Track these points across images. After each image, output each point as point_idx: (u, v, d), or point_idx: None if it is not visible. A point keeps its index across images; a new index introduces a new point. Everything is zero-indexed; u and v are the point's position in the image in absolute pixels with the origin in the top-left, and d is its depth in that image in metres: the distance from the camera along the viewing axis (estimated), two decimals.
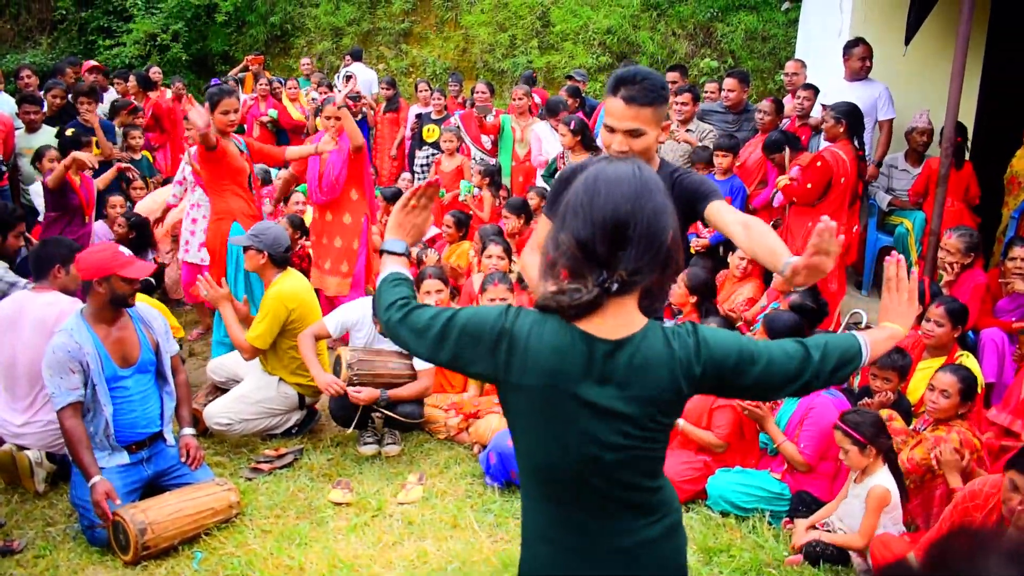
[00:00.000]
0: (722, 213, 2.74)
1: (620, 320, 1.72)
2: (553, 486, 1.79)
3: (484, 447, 4.39)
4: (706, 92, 7.50)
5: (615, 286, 1.66)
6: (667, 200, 1.72)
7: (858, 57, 6.26)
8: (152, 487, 3.88)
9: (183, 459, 3.96)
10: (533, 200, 6.69)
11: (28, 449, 4.10)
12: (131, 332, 3.88)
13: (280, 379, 4.68)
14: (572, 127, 6.41)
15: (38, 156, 6.40)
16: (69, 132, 6.50)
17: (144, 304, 4.06)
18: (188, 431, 4.06)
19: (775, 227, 6.33)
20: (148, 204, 7.01)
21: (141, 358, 3.88)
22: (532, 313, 1.76)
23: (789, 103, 6.95)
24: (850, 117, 5.64)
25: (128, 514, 3.48)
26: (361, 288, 6.10)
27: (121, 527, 3.49)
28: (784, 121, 6.75)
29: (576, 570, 1.79)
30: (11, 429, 4.12)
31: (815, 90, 6.58)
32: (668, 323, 1.84)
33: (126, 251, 3.99)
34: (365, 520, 3.91)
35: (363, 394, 4.33)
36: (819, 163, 5.57)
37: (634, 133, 2.57)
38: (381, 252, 2.09)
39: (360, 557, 3.61)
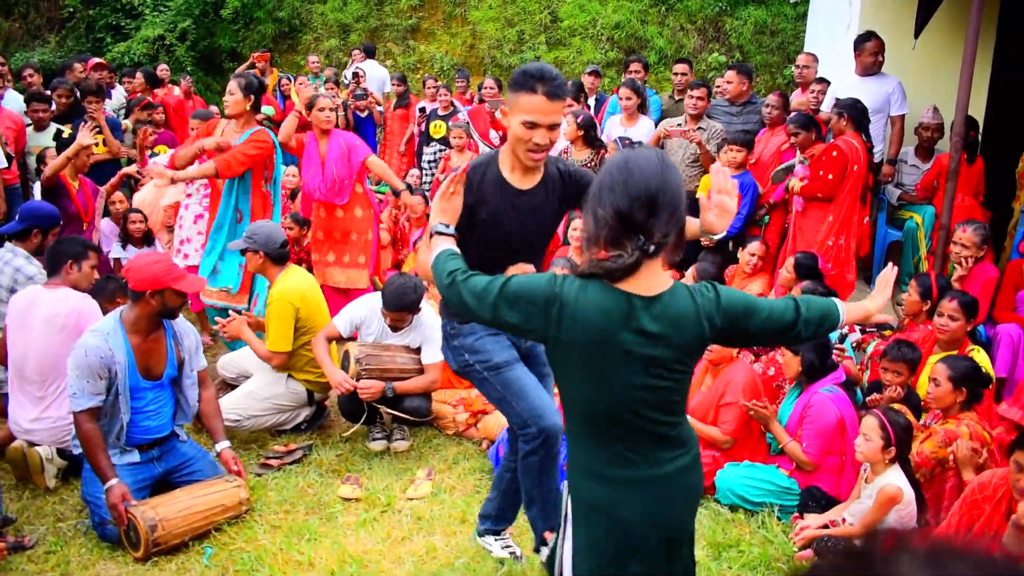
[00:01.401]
0: None
1: (653, 280, 2.04)
2: (598, 426, 2.11)
3: (492, 442, 4.39)
4: (716, 87, 7.47)
5: (652, 248, 1.98)
6: (680, 176, 2.07)
7: (870, 52, 6.22)
8: (163, 483, 3.89)
9: (231, 471, 3.93)
10: None
11: (39, 445, 4.12)
12: (162, 346, 3.84)
13: (289, 375, 4.68)
14: (579, 121, 6.40)
15: (40, 160, 6.39)
16: (66, 133, 6.44)
17: (180, 318, 4.00)
18: (224, 444, 4.01)
19: (761, 225, 6.32)
20: (148, 193, 7.00)
21: (165, 373, 3.85)
22: (575, 279, 2.07)
23: (799, 97, 6.91)
24: (852, 111, 5.64)
25: (139, 511, 3.50)
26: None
27: (132, 524, 3.51)
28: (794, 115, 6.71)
29: (620, 496, 2.11)
30: (22, 425, 4.14)
31: (828, 83, 6.53)
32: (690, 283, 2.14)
33: (179, 263, 3.93)
34: (374, 515, 3.92)
35: (370, 388, 4.34)
36: (835, 152, 5.56)
37: (555, 126, 2.76)
38: (432, 233, 2.45)
39: (369, 552, 3.62)
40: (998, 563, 0.74)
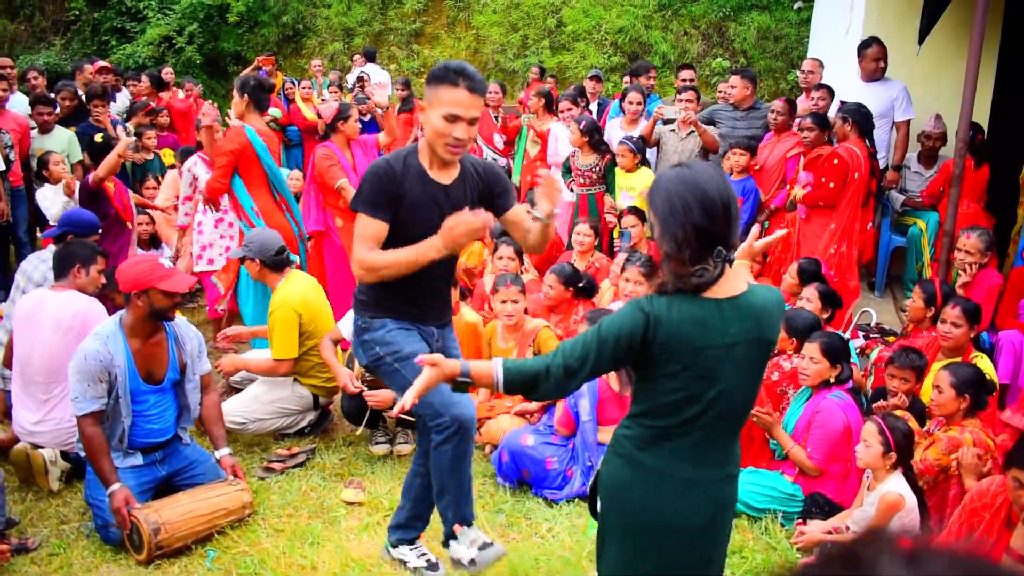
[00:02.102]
0: (523, 215, 3.10)
1: (732, 282, 2.12)
2: (669, 420, 2.15)
3: (495, 447, 4.39)
4: (720, 93, 7.48)
5: (732, 255, 2.10)
6: None
7: (871, 58, 6.22)
8: (166, 486, 3.89)
9: (229, 478, 3.93)
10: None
11: (43, 448, 4.13)
12: (163, 349, 3.82)
13: (295, 379, 4.69)
14: (582, 127, 6.40)
15: (42, 163, 6.38)
16: (99, 138, 6.38)
17: (183, 321, 3.99)
18: (225, 452, 3.99)
19: (763, 230, 6.29)
20: (167, 195, 7.02)
21: (166, 377, 3.84)
22: (661, 297, 2.11)
23: (804, 102, 6.92)
24: (857, 116, 5.63)
25: (142, 514, 3.50)
26: None
27: (135, 527, 3.51)
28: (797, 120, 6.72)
29: (673, 491, 2.19)
30: (26, 427, 4.15)
31: (830, 90, 6.53)
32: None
33: (167, 263, 3.90)
34: (377, 519, 3.92)
35: (378, 396, 4.34)
36: (836, 160, 5.56)
37: (475, 121, 2.80)
38: (460, 382, 2.25)
39: (372, 556, 3.61)
40: (976, 562, 0.75)
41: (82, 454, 3.89)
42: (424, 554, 3.42)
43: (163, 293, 3.68)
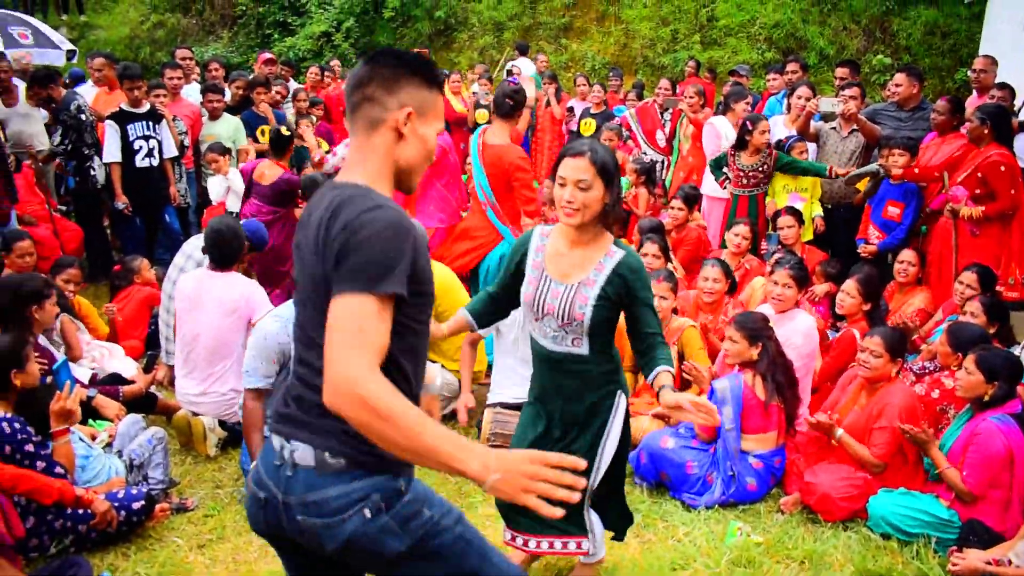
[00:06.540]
0: None
1: None
2: None
3: (635, 447, 4.33)
4: (887, 91, 7.10)
5: None
6: None
7: None
8: None
9: None
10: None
11: (202, 415, 4.38)
12: None
13: (442, 365, 4.77)
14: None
15: (220, 149, 6.74)
16: (284, 130, 6.46)
17: None
18: None
19: (922, 235, 5.89)
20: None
21: None
22: None
23: (975, 103, 6.47)
24: (995, 119, 5.25)
25: None
26: None
27: None
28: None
29: None
30: (188, 397, 4.41)
31: (1010, 90, 6.05)
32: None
33: None
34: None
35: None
36: (1003, 168, 5.18)
37: None
38: None
39: None
40: None
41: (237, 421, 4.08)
42: None
43: None
